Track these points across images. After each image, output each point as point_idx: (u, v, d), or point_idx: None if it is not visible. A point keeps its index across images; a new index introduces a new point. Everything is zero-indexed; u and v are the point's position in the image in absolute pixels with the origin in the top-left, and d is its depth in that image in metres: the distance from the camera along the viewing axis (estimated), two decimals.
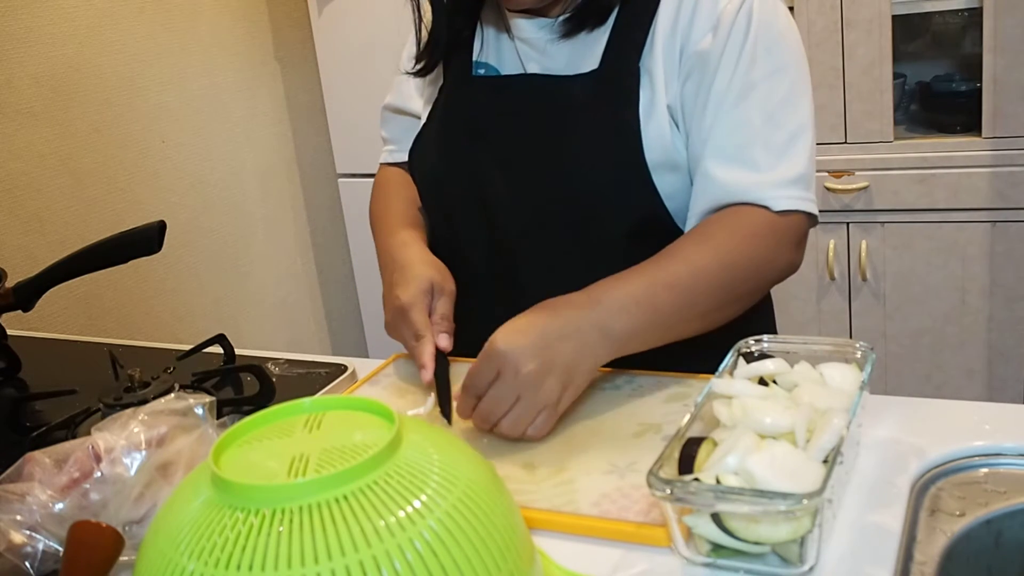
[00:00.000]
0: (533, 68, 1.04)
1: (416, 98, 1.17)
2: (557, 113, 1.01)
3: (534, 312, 0.87)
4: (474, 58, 1.09)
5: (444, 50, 1.09)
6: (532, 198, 1.02)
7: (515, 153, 1.03)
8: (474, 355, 0.91)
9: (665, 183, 0.98)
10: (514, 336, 0.83)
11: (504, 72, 1.07)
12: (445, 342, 0.97)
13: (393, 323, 1.00)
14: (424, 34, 1.10)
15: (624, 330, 0.87)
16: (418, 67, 1.11)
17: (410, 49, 1.16)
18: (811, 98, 0.98)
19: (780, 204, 0.93)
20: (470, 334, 0.95)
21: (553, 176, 1.00)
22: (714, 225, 0.95)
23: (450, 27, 1.07)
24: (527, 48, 1.04)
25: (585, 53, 1.01)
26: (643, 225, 0.99)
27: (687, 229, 0.99)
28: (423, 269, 1.01)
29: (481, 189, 1.05)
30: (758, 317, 1.07)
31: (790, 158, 0.94)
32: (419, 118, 1.16)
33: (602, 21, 0.99)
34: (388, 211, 1.15)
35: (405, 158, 1.18)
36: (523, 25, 1.03)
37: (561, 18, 1.00)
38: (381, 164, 1.25)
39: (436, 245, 1.09)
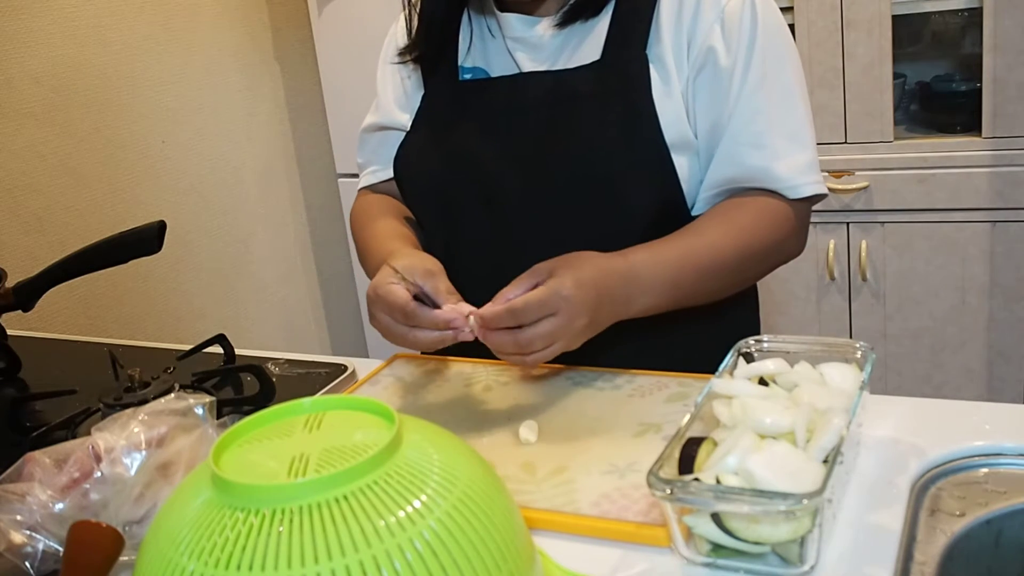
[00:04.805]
0: (529, 66, 1.04)
1: (399, 112, 1.15)
2: (566, 106, 1.01)
3: (590, 265, 0.87)
4: (459, 63, 1.08)
5: (439, 37, 1.08)
6: (550, 196, 1.01)
7: (527, 152, 1.02)
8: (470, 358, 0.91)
9: (680, 165, 1.00)
10: (581, 288, 0.84)
11: (494, 74, 1.07)
12: (468, 307, 0.87)
13: (372, 308, 0.91)
14: (415, 22, 1.09)
15: (644, 306, 0.92)
16: (416, 54, 1.10)
17: (395, 45, 1.16)
18: (805, 81, 1.04)
19: (799, 192, 0.99)
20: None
21: (573, 168, 0.99)
22: (737, 210, 0.99)
23: (442, 22, 1.07)
24: (519, 46, 1.04)
25: (582, 46, 1.02)
26: (662, 215, 1.00)
27: (699, 203, 1.03)
28: (408, 257, 0.93)
29: (490, 192, 1.03)
30: (746, 305, 1.14)
31: (803, 142, 1.00)
32: (405, 130, 1.13)
33: (596, 12, 1.01)
34: (375, 230, 1.09)
35: (387, 176, 1.17)
36: (515, 24, 1.03)
37: (561, 12, 1.01)
38: (360, 190, 1.21)
39: (434, 253, 1.02)
